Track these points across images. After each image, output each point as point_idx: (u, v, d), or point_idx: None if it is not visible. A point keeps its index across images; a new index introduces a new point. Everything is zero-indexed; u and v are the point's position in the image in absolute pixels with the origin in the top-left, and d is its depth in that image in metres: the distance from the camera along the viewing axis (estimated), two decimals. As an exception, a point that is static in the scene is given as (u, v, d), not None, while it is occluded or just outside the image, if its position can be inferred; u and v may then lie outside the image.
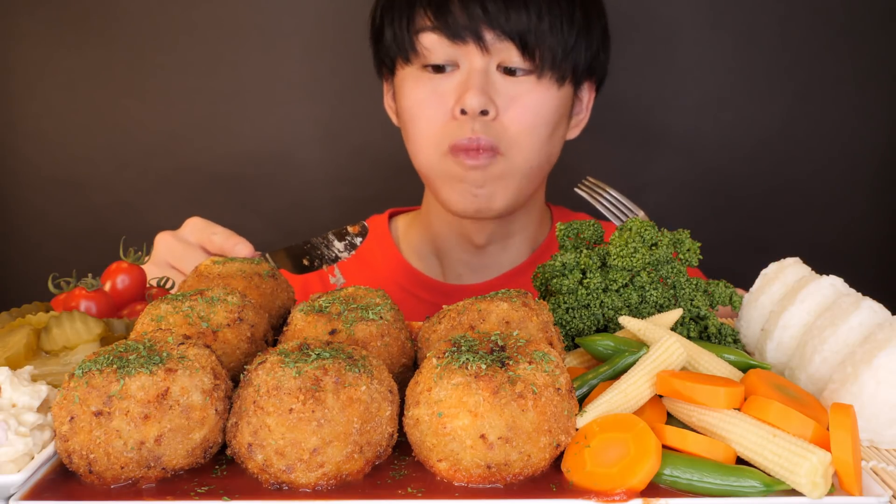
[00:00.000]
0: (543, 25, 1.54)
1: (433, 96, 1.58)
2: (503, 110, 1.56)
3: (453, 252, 1.81)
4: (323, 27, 2.24)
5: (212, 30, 2.25)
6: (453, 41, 1.54)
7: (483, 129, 1.55)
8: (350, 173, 2.31)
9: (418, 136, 1.62)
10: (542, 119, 1.59)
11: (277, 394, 0.80)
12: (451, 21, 1.54)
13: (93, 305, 1.40)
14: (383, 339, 0.98)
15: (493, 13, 1.52)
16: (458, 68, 1.57)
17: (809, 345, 1.04)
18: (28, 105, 2.29)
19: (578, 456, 0.82)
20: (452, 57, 1.56)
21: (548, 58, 1.56)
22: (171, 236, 1.42)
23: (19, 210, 2.34)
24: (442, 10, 1.55)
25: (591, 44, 1.63)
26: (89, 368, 0.82)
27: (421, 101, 1.60)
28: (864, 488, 0.80)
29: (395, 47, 1.63)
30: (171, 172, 2.30)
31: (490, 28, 1.53)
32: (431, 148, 1.61)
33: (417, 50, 1.58)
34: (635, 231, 1.15)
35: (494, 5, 1.52)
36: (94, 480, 0.81)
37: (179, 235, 1.42)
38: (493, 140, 1.56)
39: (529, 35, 1.53)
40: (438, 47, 1.56)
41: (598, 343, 1.01)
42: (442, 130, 1.58)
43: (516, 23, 1.53)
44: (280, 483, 0.81)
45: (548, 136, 1.61)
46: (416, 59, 1.59)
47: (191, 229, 1.43)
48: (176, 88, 2.27)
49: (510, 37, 1.53)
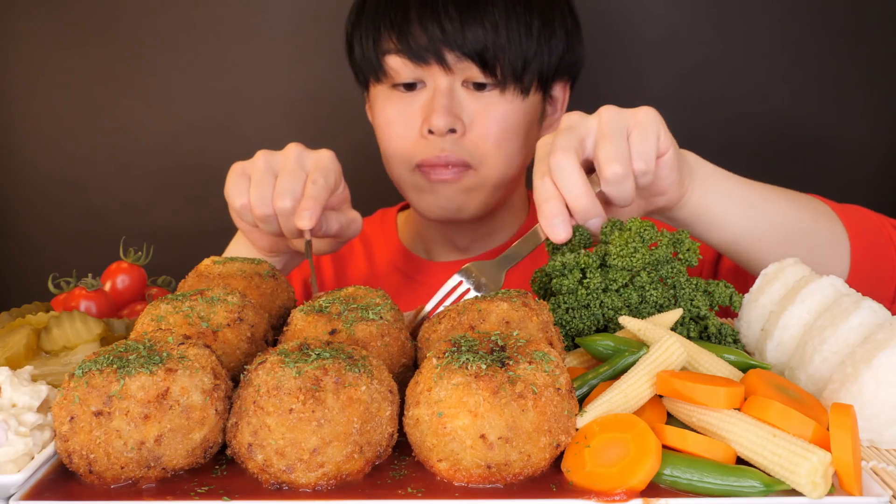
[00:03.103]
0: (501, 40, 1.56)
1: (402, 115, 1.61)
2: (470, 127, 1.59)
3: (441, 252, 1.85)
4: (323, 27, 2.24)
5: (212, 30, 2.25)
6: (416, 63, 1.57)
7: (452, 146, 1.58)
8: (349, 173, 2.30)
9: (389, 153, 1.66)
10: (509, 132, 1.61)
11: (277, 394, 0.80)
12: (412, 43, 1.56)
13: (93, 305, 1.40)
14: (383, 339, 0.98)
15: (451, 32, 1.54)
16: (426, 85, 1.60)
17: (809, 345, 1.04)
18: (28, 105, 2.29)
19: (578, 456, 0.82)
20: (418, 76, 1.59)
21: (508, 72, 1.58)
22: (299, 149, 1.35)
23: (19, 210, 2.34)
24: (403, 31, 1.57)
25: (555, 48, 1.64)
26: (89, 368, 0.82)
27: (391, 121, 1.63)
28: (864, 488, 0.80)
29: (365, 66, 1.66)
30: (171, 172, 2.30)
31: (449, 49, 1.55)
32: (402, 165, 1.64)
33: (385, 71, 1.61)
34: (635, 231, 1.15)
35: (451, 24, 1.54)
36: (94, 480, 0.81)
37: (304, 156, 1.35)
38: (462, 156, 1.59)
39: (487, 52, 1.55)
40: (404, 69, 1.58)
41: (598, 343, 1.01)
42: (411, 149, 1.61)
43: (473, 41, 1.54)
44: (280, 483, 0.81)
45: (518, 148, 1.64)
46: (386, 79, 1.62)
47: (317, 158, 1.35)
48: (176, 88, 2.28)
49: (469, 56, 1.55)
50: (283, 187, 1.31)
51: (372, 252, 1.88)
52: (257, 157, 1.36)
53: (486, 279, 1.21)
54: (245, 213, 1.35)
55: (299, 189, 1.31)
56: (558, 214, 1.16)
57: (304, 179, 1.33)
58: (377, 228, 1.91)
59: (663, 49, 2.21)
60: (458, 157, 1.58)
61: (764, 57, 2.21)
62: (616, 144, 1.16)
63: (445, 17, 1.54)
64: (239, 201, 1.35)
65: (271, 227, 1.35)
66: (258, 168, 1.34)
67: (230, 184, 1.36)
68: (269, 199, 1.32)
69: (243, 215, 1.36)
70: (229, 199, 1.37)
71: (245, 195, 1.34)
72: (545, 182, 1.18)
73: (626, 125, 1.18)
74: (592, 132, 1.19)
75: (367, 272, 1.85)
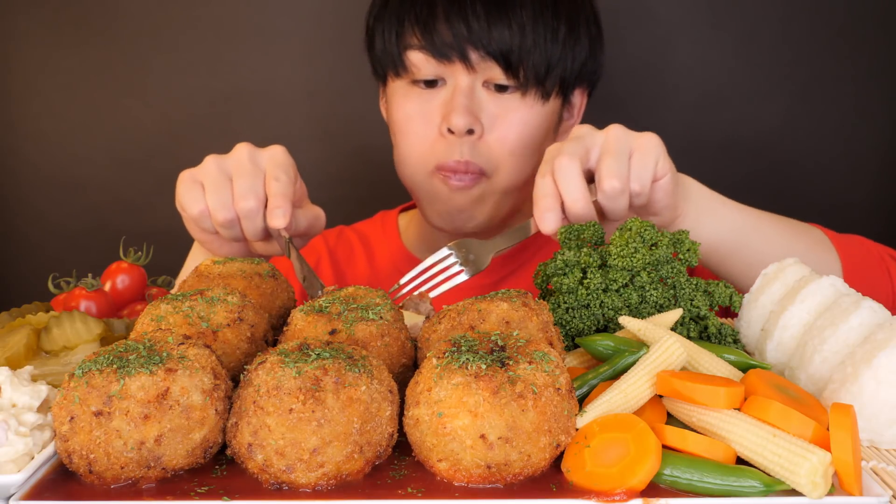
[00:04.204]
0: (527, 42, 1.55)
1: (421, 113, 1.60)
2: (488, 129, 1.58)
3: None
4: (323, 27, 2.24)
5: (212, 30, 2.25)
6: (439, 60, 1.56)
7: (471, 152, 1.57)
8: (350, 173, 2.31)
9: (406, 152, 1.64)
10: (525, 138, 1.60)
11: (277, 394, 0.80)
12: (437, 39, 1.55)
13: (93, 305, 1.40)
14: (383, 339, 0.98)
15: (477, 31, 1.53)
16: (446, 83, 1.59)
17: (809, 345, 1.04)
18: (28, 105, 2.29)
19: (578, 456, 0.82)
20: (440, 73, 1.58)
21: (531, 75, 1.57)
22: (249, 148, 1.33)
23: (19, 210, 2.34)
24: (428, 27, 1.56)
25: (579, 54, 1.63)
26: (89, 368, 0.82)
27: (410, 117, 1.61)
28: (864, 488, 0.80)
29: (385, 60, 1.64)
30: (171, 172, 2.29)
31: (474, 48, 1.54)
32: (418, 165, 1.63)
33: (406, 66, 1.60)
34: (635, 231, 1.15)
35: (478, 23, 1.53)
36: (94, 480, 0.81)
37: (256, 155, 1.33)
38: (481, 163, 1.58)
39: (512, 54, 1.54)
40: (426, 65, 1.57)
41: (598, 343, 1.01)
42: (430, 149, 1.60)
43: (499, 42, 1.54)
44: (280, 483, 0.81)
45: (531, 155, 1.63)
46: (406, 74, 1.61)
47: (270, 155, 1.33)
48: (176, 88, 2.27)
49: (493, 56, 1.54)
50: (244, 188, 1.28)
51: (373, 255, 1.87)
52: (207, 162, 1.32)
53: (473, 256, 1.26)
54: (204, 220, 1.31)
55: (260, 188, 1.29)
56: (553, 210, 1.22)
57: (262, 178, 1.30)
58: (378, 231, 1.90)
59: (663, 48, 2.21)
60: (476, 164, 1.57)
61: (764, 57, 2.21)
62: (618, 161, 1.22)
63: (472, 15, 1.53)
64: (196, 208, 1.30)
65: (233, 231, 1.31)
66: (211, 173, 1.31)
67: (182, 192, 1.32)
68: (228, 202, 1.29)
69: (201, 223, 1.32)
70: (184, 208, 1.32)
71: (202, 201, 1.30)
72: (546, 180, 1.23)
73: (630, 146, 1.25)
74: (598, 145, 1.25)
75: (369, 275, 1.84)
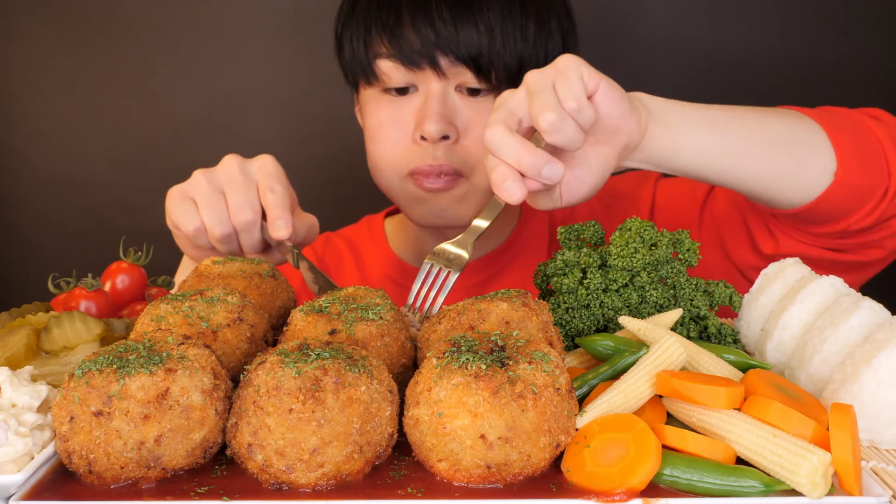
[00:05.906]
0: (496, 44, 1.51)
1: (394, 120, 1.57)
2: (463, 133, 1.55)
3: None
4: (322, 27, 2.24)
5: (211, 30, 2.25)
6: (409, 68, 1.53)
7: (445, 155, 1.54)
8: (346, 174, 2.31)
9: (379, 159, 1.62)
10: None
11: (277, 394, 0.80)
12: (405, 46, 1.51)
13: (93, 305, 1.40)
14: (383, 339, 0.98)
15: (445, 36, 1.50)
16: (418, 90, 1.56)
17: (809, 345, 1.04)
18: (28, 105, 2.29)
19: (578, 456, 0.82)
20: (411, 80, 1.55)
21: (503, 76, 1.54)
22: (238, 159, 1.32)
23: (19, 210, 2.35)
24: (395, 34, 1.52)
25: (551, 50, 1.59)
26: (89, 368, 0.82)
27: (382, 125, 1.59)
28: (864, 488, 0.80)
29: (355, 68, 1.61)
30: (171, 172, 2.30)
31: (443, 53, 1.51)
32: (392, 171, 1.60)
33: (377, 74, 1.57)
34: (635, 231, 1.15)
35: (445, 27, 1.50)
36: (94, 480, 0.81)
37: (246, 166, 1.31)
38: (455, 164, 1.55)
39: (482, 58, 1.51)
40: (396, 73, 1.54)
41: (598, 343, 1.01)
42: (404, 155, 1.58)
43: (468, 46, 1.50)
44: (280, 483, 0.81)
45: None
46: (377, 82, 1.58)
47: (261, 165, 1.32)
48: (176, 88, 2.28)
49: (463, 61, 1.51)
50: (239, 201, 1.27)
51: (362, 261, 1.85)
52: (196, 177, 1.31)
53: (452, 255, 1.23)
54: (200, 237, 1.30)
55: (255, 200, 1.28)
56: (508, 177, 1.12)
57: (256, 189, 1.29)
58: (365, 237, 1.87)
59: (663, 49, 2.21)
60: (450, 165, 1.55)
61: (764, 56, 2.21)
62: (543, 97, 1.13)
63: (439, 19, 1.50)
64: (192, 225, 1.29)
65: (230, 246, 1.31)
66: (202, 188, 1.29)
67: (175, 210, 1.31)
68: (225, 217, 1.28)
69: (197, 240, 1.31)
70: (178, 226, 1.31)
71: (196, 218, 1.29)
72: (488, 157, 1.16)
73: (550, 79, 1.15)
74: (522, 100, 1.16)
75: (359, 283, 1.83)
